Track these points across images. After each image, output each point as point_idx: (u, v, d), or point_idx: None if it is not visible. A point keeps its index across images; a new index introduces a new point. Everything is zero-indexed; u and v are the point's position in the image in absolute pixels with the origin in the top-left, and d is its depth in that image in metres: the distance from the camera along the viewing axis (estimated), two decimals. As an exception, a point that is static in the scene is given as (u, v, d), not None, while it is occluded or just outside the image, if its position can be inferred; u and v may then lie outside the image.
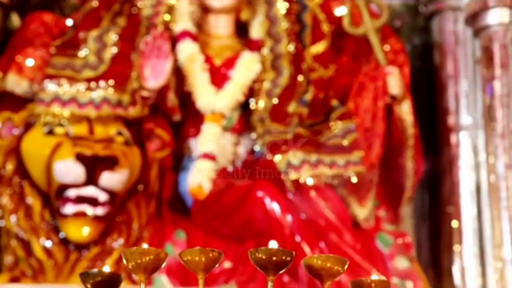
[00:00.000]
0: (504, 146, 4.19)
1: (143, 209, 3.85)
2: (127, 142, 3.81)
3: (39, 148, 3.73)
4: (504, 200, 4.12)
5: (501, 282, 4.04)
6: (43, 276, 3.69)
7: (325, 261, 1.83)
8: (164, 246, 3.80)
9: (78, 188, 3.65)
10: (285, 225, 3.80)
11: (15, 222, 3.74)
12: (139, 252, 1.84)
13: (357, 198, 3.94)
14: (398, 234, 4.06)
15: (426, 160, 4.24)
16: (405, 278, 3.88)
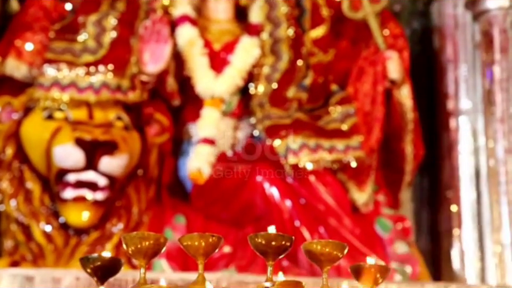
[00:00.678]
0: (503, 131, 4.18)
1: (143, 194, 3.85)
2: (126, 126, 3.81)
3: (39, 132, 3.73)
4: (503, 185, 4.13)
5: (500, 266, 4.05)
6: (43, 260, 3.69)
7: (324, 246, 1.83)
8: (164, 231, 3.80)
9: (78, 172, 3.65)
10: (284, 210, 3.80)
11: (15, 206, 3.74)
12: (139, 237, 1.84)
13: (356, 182, 3.94)
14: (397, 218, 4.06)
15: (426, 144, 4.24)
16: (404, 263, 3.89)
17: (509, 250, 4.05)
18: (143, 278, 1.84)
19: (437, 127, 4.46)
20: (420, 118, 4.20)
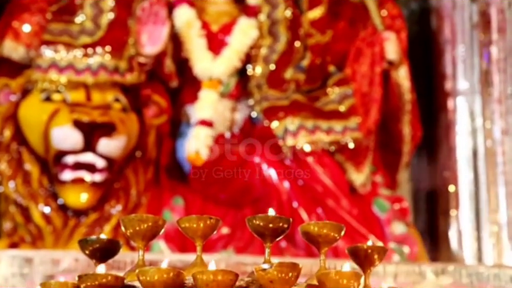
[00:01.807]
0: (500, 111, 4.18)
1: (141, 176, 3.86)
2: (124, 108, 3.81)
3: (37, 114, 3.73)
4: (501, 165, 4.13)
5: (497, 246, 4.06)
6: (42, 241, 3.71)
7: (322, 227, 1.83)
8: (162, 212, 3.82)
9: (76, 154, 3.66)
10: (282, 191, 3.81)
11: (14, 188, 3.75)
12: (137, 219, 1.84)
13: (354, 163, 3.95)
14: (395, 199, 4.08)
15: (423, 125, 4.24)
16: (402, 243, 3.90)
17: (506, 230, 4.07)
18: (141, 260, 1.84)
19: (435, 108, 4.46)
20: (418, 98, 4.20)
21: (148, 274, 1.68)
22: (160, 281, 1.68)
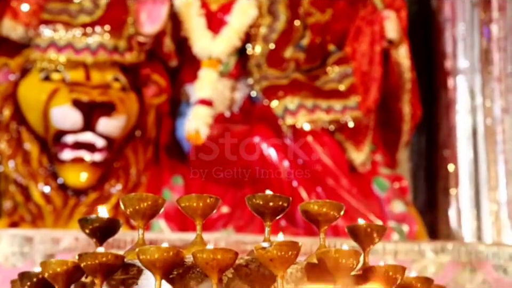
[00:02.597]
0: (500, 90, 4.18)
1: (141, 155, 3.86)
2: (123, 88, 3.81)
3: (36, 94, 3.72)
4: (500, 144, 4.13)
5: (496, 224, 4.07)
6: (42, 220, 3.71)
7: (321, 206, 1.83)
8: (162, 192, 3.82)
9: (75, 133, 3.66)
10: (282, 170, 3.81)
11: (13, 167, 3.75)
12: (137, 198, 1.84)
13: (354, 142, 3.95)
14: (395, 178, 4.08)
15: (423, 104, 4.24)
16: (401, 222, 3.91)
17: (505, 208, 4.08)
18: (141, 239, 1.85)
19: (435, 86, 4.45)
20: (417, 77, 4.20)
21: (148, 253, 1.69)
22: (160, 259, 1.68)
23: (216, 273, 1.67)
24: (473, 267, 3.31)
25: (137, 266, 1.77)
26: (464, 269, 3.30)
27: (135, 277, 1.77)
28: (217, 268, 1.67)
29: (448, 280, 3.25)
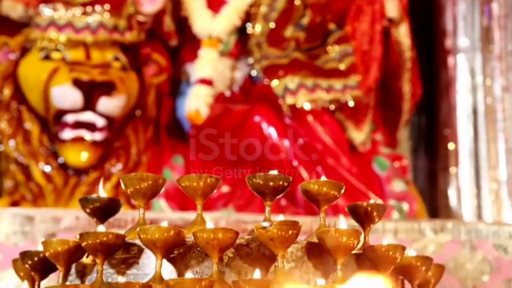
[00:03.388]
0: (501, 68, 4.18)
1: (141, 135, 3.86)
2: (124, 67, 3.80)
3: (36, 73, 3.72)
4: (500, 122, 4.14)
5: (496, 203, 4.08)
6: (43, 200, 3.72)
7: (322, 186, 1.83)
8: (162, 171, 3.83)
9: (76, 113, 3.66)
10: (282, 150, 3.81)
11: (14, 147, 3.75)
12: (137, 178, 1.84)
13: (354, 122, 3.95)
14: (395, 157, 4.09)
15: (423, 83, 4.24)
16: (401, 201, 3.92)
17: (505, 187, 4.08)
18: (142, 219, 1.85)
19: (435, 65, 4.45)
20: (418, 56, 4.20)
21: (148, 233, 1.69)
22: (161, 239, 1.69)
23: (216, 252, 1.67)
24: (473, 246, 3.32)
25: (138, 245, 1.77)
26: (463, 248, 3.31)
27: (136, 256, 1.78)
28: (218, 247, 1.67)
29: (448, 259, 3.26)
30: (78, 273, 1.86)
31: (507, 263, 3.31)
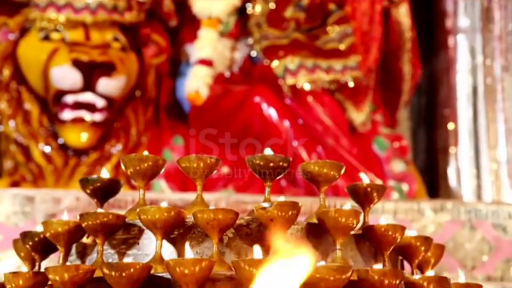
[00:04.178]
0: (501, 49, 4.18)
1: (141, 115, 3.87)
2: (123, 47, 3.80)
3: (35, 53, 3.72)
4: (500, 102, 4.14)
5: (496, 183, 4.08)
6: (43, 180, 3.72)
7: (322, 166, 1.83)
8: (162, 152, 3.83)
9: (76, 94, 3.66)
10: (282, 130, 3.82)
11: (14, 127, 3.75)
12: (137, 159, 1.84)
13: (354, 102, 3.95)
14: (395, 137, 4.09)
15: (423, 63, 4.23)
16: (401, 181, 3.92)
17: (505, 167, 4.09)
18: (142, 199, 1.86)
19: (435, 45, 4.44)
20: (418, 36, 4.19)
21: (148, 213, 1.69)
22: (161, 220, 1.69)
23: (216, 233, 1.68)
24: (472, 226, 3.33)
25: (138, 226, 1.77)
26: (463, 228, 3.32)
27: (136, 236, 1.78)
28: (218, 228, 1.67)
29: (448, 239, 3.27)
30: (78, 253, 1.86)
31: (506, 242, 3.32)
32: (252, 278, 1.54)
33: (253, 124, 3.84)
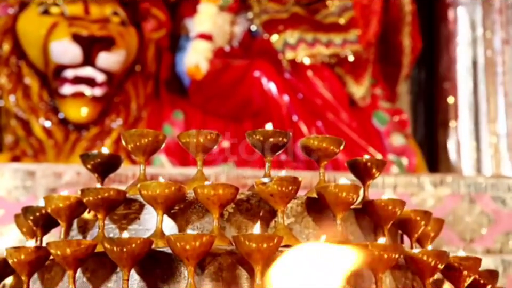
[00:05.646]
0: (501, 21, 4.17)
1: (141, 90, 3.86)
2: (123, 22, 3.79)
3: (35, 28, 3.71)
4: (500, 75, 4.13)
5: (496, 157, 4.09)
6: (43, 155, 3.73)
7: (321, 141, 1.82)
8: (162, 127, 3.83)
9: (75, 68, 3.66)
10: (282, 104, 3.82)
11: (14, 102, 3.75)
12: (138, 134, 1.84)
13: (354, 76, 3.95)
14: (394, 111, 4.09)
15: (423, 36, 4.23)
16: (401, 155, 3.93)
17: (505, 140, 4.09)
18: (143, 175, 1.86)
19: (435, 18, 4.43)
20: (418, 9, 4.18)
21: (149, 189, 1.70)
22: (162, 195, 1.69)
23: (217, 208, 1.68)
24: (472, 199, 3.33)
25: (139, 201, 1.78)
26: (463, 201, 3.32)
27: (137, 212, 1.79)
28: (218, 203, 1.68)
29: (447, 213, 3.28)
30: (79, 228, 1.87)
31: (505, 215, 3.33)
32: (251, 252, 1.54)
33: (253, 98, 3.84)
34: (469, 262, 1.79)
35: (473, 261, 1.80)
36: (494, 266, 3.07)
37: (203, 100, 3.91)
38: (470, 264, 1.79)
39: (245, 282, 1.64)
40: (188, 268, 1.58)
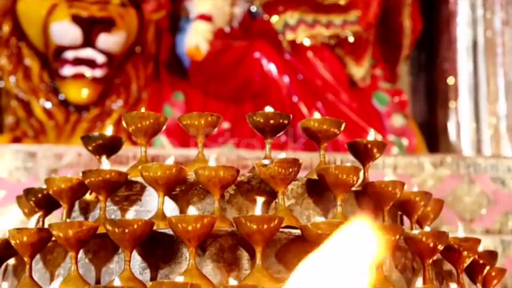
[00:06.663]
0: (501, 2, 4.16)
1: (141, 71, 3.86)
2: (123, 3, 3.78)
3: (35, 9, 3.71)
4: (500, 56, 4.13)
5: (495, 137, 4.09)
6: (44, 136, 3.73)
7: (322, 123, 1.82)
8: (163, 108, 3.83)
9: (76, 49, 3.65)
10: (282, 86, 3.82)
11: (14, 83, 3.76)
12: (139, 116, 1.84)
13: (354, 57, 3.94)
14: (394, 92, 4.09)
15: (424, 17, 4.22)
16: (401, 135, 3.93)
17: (504, 121, 4.09)
18: (144, 156, 1.86)
19: (435, 0, 4.43)
20: (418, -10, 4.18)
21: (150, 170, 1.70)
22: (163, 177, 1.70)
23: (218, 189, 1.69)
24: (471, 180, 3.34)
25: (140, 183, 1.78)
26: (462, 182, 3.33)
27: (138, 193, 1.79)
28: (219, 185, 1.68)
29: (447, 193, 3.28)
30: (81, 210, 1.88)
31: (505, 196, 3.33)
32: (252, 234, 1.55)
33: (253, 80, 3.84)
34: (468, 243, 1.80)
35: (473, 241, 1.81)
36: (493, 246, 3.08)
37: (203, 81, 3.90)
38: (469, 245, 1.80)
39: (246, 263, 1.65)
40: (189, 249, 1.59)
